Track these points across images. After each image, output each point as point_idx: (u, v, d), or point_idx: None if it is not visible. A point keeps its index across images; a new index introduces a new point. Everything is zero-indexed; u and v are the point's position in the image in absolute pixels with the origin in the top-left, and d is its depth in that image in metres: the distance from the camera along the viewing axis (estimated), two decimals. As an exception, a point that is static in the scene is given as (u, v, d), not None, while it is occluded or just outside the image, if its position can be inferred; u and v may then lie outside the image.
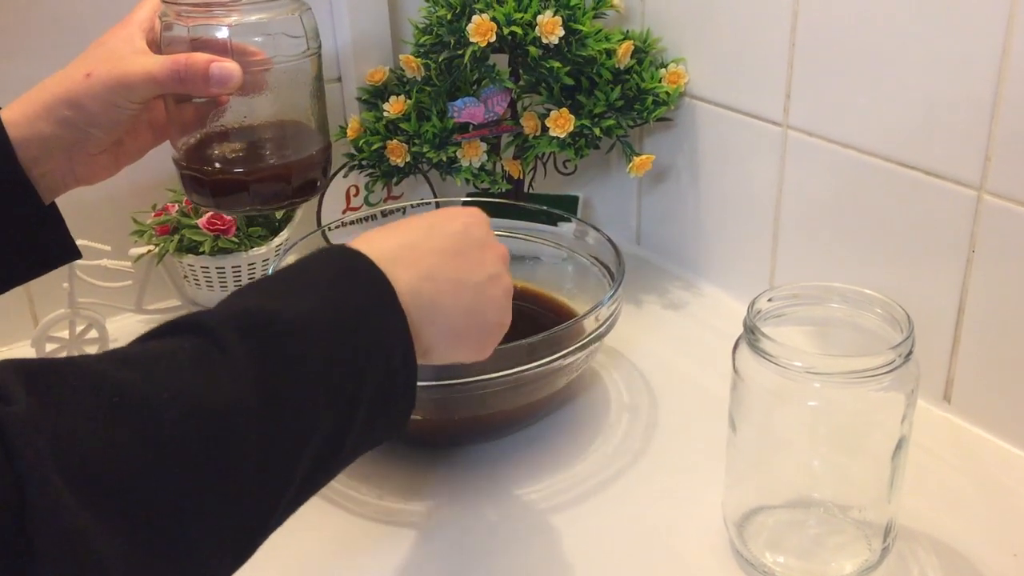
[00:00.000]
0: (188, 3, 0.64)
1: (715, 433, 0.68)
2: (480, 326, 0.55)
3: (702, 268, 0.97)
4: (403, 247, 0.52)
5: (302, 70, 0.68)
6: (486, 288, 0.55)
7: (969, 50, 0.68)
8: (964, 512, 0.67)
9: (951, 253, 0.72)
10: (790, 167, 0.84)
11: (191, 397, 0.40)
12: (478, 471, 0.73)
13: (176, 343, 0.42)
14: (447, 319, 0.52)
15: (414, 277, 0.51)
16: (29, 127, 0.60)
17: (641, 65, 0.91)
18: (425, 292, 0.51)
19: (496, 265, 0.56)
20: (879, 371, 0.56)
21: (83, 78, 0.61)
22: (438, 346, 0.53)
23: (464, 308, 0.53)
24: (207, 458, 0.40)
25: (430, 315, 0.51)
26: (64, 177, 0.63)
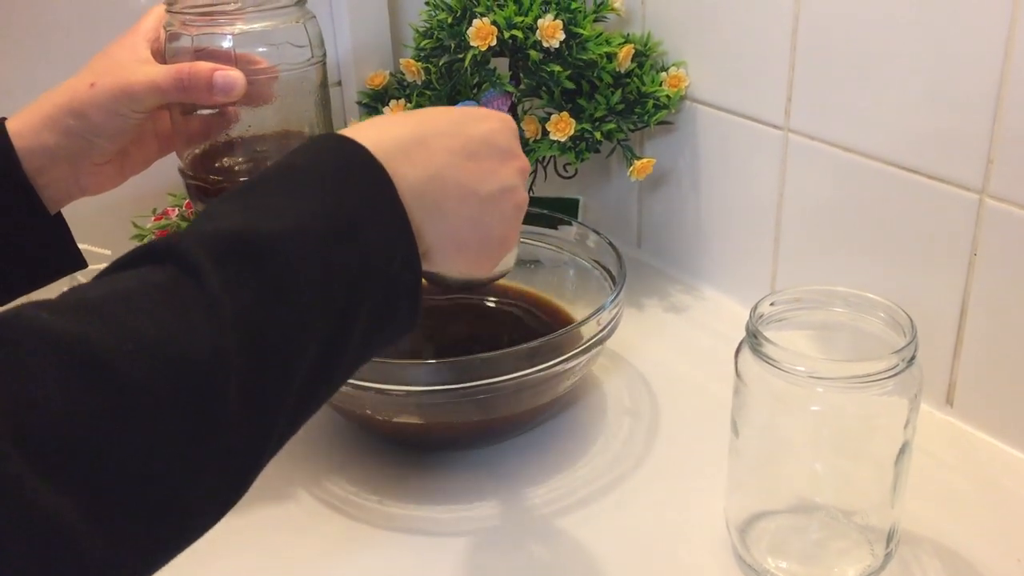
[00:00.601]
0: (192, 12, 0.64)
1: (717, 437, 0.68)
2: (483, 239, 0.52)
3: (703, 271, 0.97)
4: (415, 140, 0.49)
5: (307, 79, 0.68)
6: (496, 200, 0.52)
7: (971, 53, 0.67)
8: (967, 517, 0.67)
9: (953, 256, 0.72)
10: (791, 171, 0.84)
11: (159, 345, 0.36)
12: (479, 475, 0.73)
13: (143, 277, 0.39)
14: (449, 225, 0.50)
15: (420, 175, 0.48)
16: (34, 137, 0.60)
17: (642, 69, 0.91)
18: (430, 193, 0.48)
19: (512, 178, 0.53)
20: (882, 376, 0.56)
21: (87, 88, 0.61)
22: (436, 251, 0.50)
23: (468, 217, 0.51)
24: (182, 413, 0.36)
25: (432, 217, 0.48)
26: (69, 187, 0.63)
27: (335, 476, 0.73)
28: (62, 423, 0.33)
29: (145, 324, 0.36)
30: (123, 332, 0.36)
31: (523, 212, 0.55)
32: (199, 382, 0.37)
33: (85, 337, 0.35)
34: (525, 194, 0.55)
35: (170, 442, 0.36)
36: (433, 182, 0.49)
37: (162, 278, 0.38)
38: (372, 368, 0.68)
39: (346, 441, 0.76)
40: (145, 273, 0.39)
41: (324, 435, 0.77)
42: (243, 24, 0.64)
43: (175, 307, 0.38)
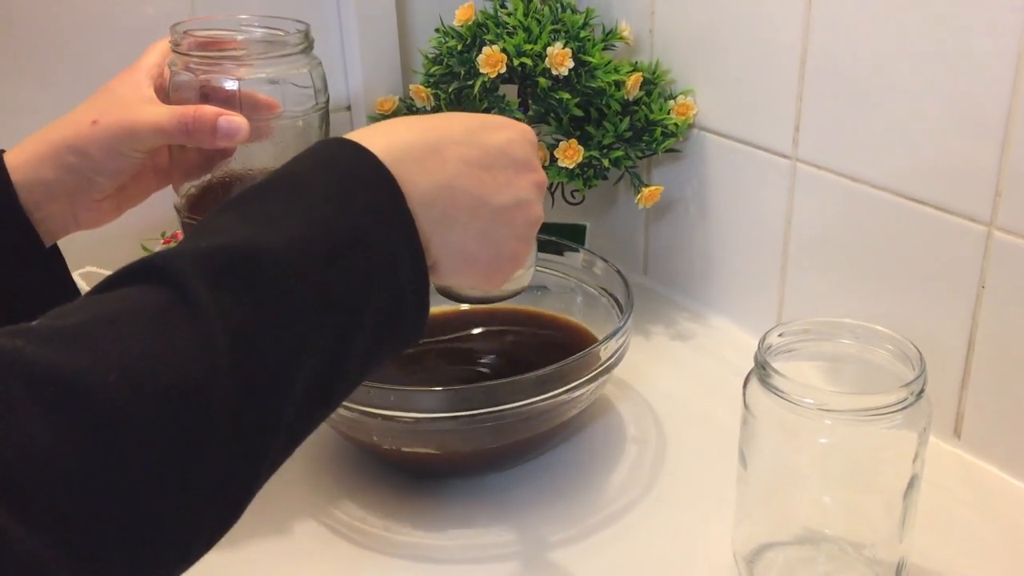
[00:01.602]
0: (198, 55, 0.63)
1: (724, 466, 0.68)
2: (493, 253, 0.50)
3: (710, 299, 0.97)
4: (427, 147, 0.47)
5: (309, 123, 0.67)
6: (509, 213, 0.50)
7: (980, 85, 0.68)
8: (975, 550, 0.67)
9: (961, 288, 0.72)
10: (799, 200, 0.84)
11: (145, 374, 0.34)
12: (485, 502, 0.72)
13: (132, 299, 0.37)
14: (459, 237, 0.48)
15: (431, 183, 0.46)
16: (33, 172, 0.60)
17: (650, 96, 0.91)
18: (440, 202, 0.46)
19: (527, 191, 0.51)
20: (891, 409, 0.56)
21: (89, 125, 0.60)
22: (444, 263, 0.48)
23: (479, 229, 0.49)
24: (169, 445, 0.35)
25: (441, 228, 0.47)
26: (66, 221, 0.62)
27: (342, 502, 0.73)
28: (43, 462, 0.32)
29: (130, 351, 0.35)
30: (107, 361, 0.34)
31: (537, 227, 0.53)
32: (187, 411, 0.35)
33: (66, 368, 0.33)
34: (540, 209, 0.53)
35: (158, 475, 0.35)
36: (444, 191, 0.47)
37: (152, 301, 0.37)
38: (380, 395, 0.68)
39: (353, 467, 0.76)
40: (134, 295, 0.37)
41: (331, 461, 0.77)
42: (249, 69, 0.63)
43: (164, 332, 0.36)
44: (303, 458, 0.77)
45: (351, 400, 0.69)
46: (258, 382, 0.38)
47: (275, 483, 0.74)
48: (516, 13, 0.88)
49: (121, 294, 0.38)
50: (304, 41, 0.65)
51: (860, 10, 0.74)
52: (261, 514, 0.71)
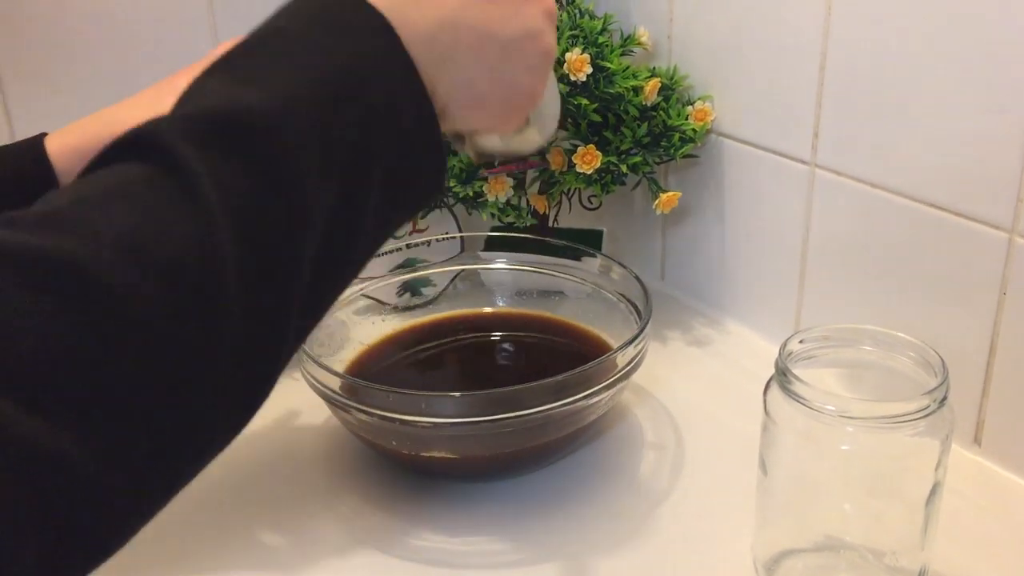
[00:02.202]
0: None
1: (743, 473, 0.67)
2: (506, 91, 0.47)
3: (727, 305, 0.97)
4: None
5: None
6: (520, 46, 0.46)
7: (1000, 90, 0.68)
8: (997, 558, 0.67)
9: (982, 295, 0.72)
10: (817, 206, 0.84)
11: (141, 249, 0.32)
12: (504, 507, 0.72)
13: (119, 174, 0.35)
14: (466, 77, 0.44)
15: (430, 22, 0.42)
16: (78, 160, 0.58)
17: (668, 102, 0.91)
18: (441, 42, 0.43)
19: (537, 20, 0.47)
20: (913, 416, 0.55)
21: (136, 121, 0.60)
22: (453, 107, 0.45)
23: (489, 67, 0.45)
24: (179, 317, 0.33)
25: (445, 68, 0.43)
26: None
27: (361, 507, 0.73)
28: (43, 348, 0.30)
29: (123, 227, 0.33)
30: (98, 238, 0.32)
31: (551, 60, 0.49)
32: (192, 284, 0.33)
33: (55, 251, 0.31)
34: (553, 39, 0.48)
35: (169, 352, 0.33)
36: (444, 28, 0.43)
37: (140, 174, 0.35)
38: (399, 400, 0.68)
39: (372, 472, 0.76)
40: (120, 171, 0.35)
41: (350, 466, 0.77)
42: None
43: (157, 205, 0.34)
44: (322, 462, 0.77)
45: (370, 405, 0.69)
46: (263, 249, 0.36)
47: (293, 487, 0.74)
48: (534, 19, 0.88)
49: (107, 172, 0.35)
50: None
51: (880, 15, 0.74)
52: (277, 516, 0.71)
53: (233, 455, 0.47)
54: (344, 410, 0.71)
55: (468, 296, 0.92)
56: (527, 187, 0.95)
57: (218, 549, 0.68)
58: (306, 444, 0.80)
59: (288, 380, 0.86)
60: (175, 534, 0.68)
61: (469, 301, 0.92)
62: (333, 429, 0.80)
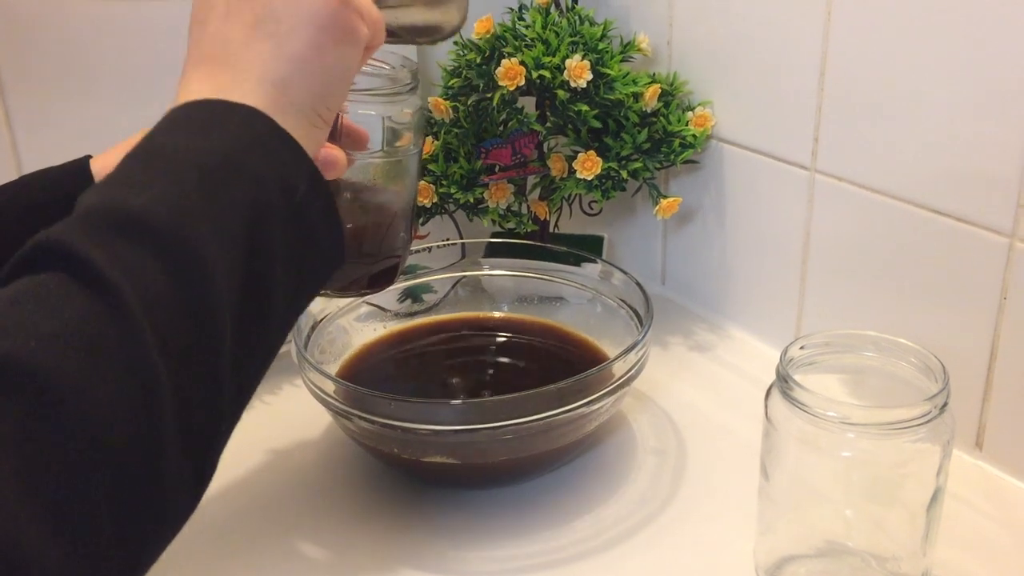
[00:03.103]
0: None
1: (745, 479, 0.67)
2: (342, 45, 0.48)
3: (728, 310, 0.97)
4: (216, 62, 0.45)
5: (404, 166, 0.65)
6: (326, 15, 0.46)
7: (1000, 96, 0.68)
8: (999, 563, 0.66)
9: (982, 300, 0.72)
10: (818, 211, 0.84)
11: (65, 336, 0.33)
12: (504, 515, 0.72)
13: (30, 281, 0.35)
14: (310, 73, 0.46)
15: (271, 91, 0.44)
16: None
17: (668, 108, 0.91)
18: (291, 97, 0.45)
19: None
20: (914, 422, 0.56)
21: None
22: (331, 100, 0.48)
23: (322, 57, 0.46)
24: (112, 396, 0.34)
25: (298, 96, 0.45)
26: None
27: (359, 513, 0.73)
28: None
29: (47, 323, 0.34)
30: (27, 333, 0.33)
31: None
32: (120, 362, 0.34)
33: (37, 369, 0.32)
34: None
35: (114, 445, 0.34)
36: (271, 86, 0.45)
37: (48, 277, 0.35)
38: (400, 407, 0.68)
39: (371, 477, 0.76)
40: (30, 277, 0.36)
41: (349, 472, 0.77)
42: (354, 105, 0.60)
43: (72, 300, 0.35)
44: (321, 470, 0.77)
45: (371, 412, 0.69)
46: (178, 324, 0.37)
47: (290, 493, 0.74)
48: (534, 26, 0.88)
49: (15, 285, 0.36)
50: (412, 80, 0.63)
51: (880, 21, 0.74)
52: (276, 523, 0.71)
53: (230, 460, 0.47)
54: (345, 417, 0.71)
55: (469, 302, 0.92)
56: (528, 193, 0.95)
57: (213, 554, 0.68)
58: (307, 450, 0.80)
59: (289, 387, 0.86)
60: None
61: (470, 307, 0.92)
62: (334, 435, 0.80)
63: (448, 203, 0.93)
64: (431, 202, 0.91)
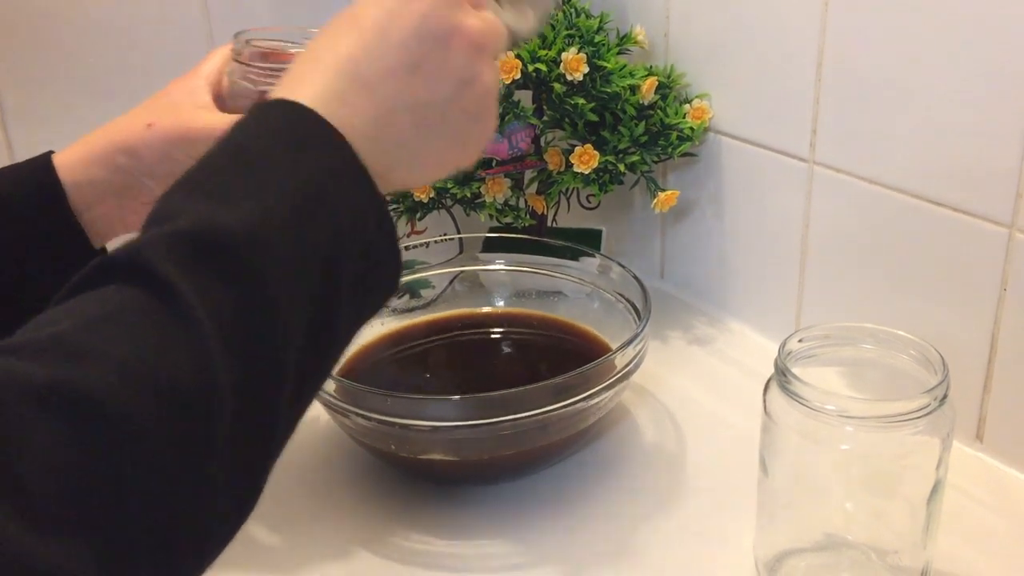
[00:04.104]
0: (260, 66, 0.62)
1: (744, 472, 0.67)
2: (458, 144, 0.48)
3: (727, 304, 0.96)
4: (348, 76, 0.44)
5: None
6: (459, 100, 0.46)
7: (999, 86, 0.67)
8: (1000, 555, 0.66)
9: (982, 291, 0.72)
10: (816, 203, 0.84)
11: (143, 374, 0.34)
12: (504, 510, 0.72)
13: (111, 299, 0.36)
14: (417, 155, 0.46)
15: (369, 120, 0.44)
16: (83, 172, 0.59)
17: (665, 101, 0.91)
18: (384, 135, 0.45)
19: (467, 59, 0.46)
20: (914, 415, 0.55)
21: (144, 128, 0.60)
22: (414, 179, 0.47)
23: (436, 134, 0.46)
24: (179, 438, 0.35)
25: (396, 158, 0.45)
26: (113, 223, 0.62)
27: (358, 510, 0.73)
28: (57, 473, 0.32)
29: (125, 351, 0.35)
30: (102, 365, 0.34)
31: (492, 92, 0.48)
32: (190, 402, 0.35)
33: (63, 379, 0.33)
34: (488, 73, 0.47)
35: (172, 469, 0.35)
36: (382, 124, 0.45)
37: (131, 298, 0.36)
38: (398, 404, 0.68)
39: (371, 476, 0.76)
40: (110, 295, 0.37)
41: (347, 469, 0.77)
42: None
43: (152, 329, 0.36)
44: (320, 467, 0.77)
45: (368, 409, 0.69)
46: (252, 363, 0.38)
47: (291, 492, 0.74)
48: (530, 19, 0.88)
49: (96, 296, 0.37)
50: None
51: (878, 11, 0.74)
52: (276, 518, 0.71)
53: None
54: (342, 414, 0.71)
55: (467, 297, 0.92)
56: (525, 187, 0.95)
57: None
58: (305, 446, 0.79)
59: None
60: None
61: (468, 302, 0.92)
62: (331, 433, 0.80)
63: (445, 198, 0.92)
64: (428, 197, 0.91)
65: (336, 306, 0.42)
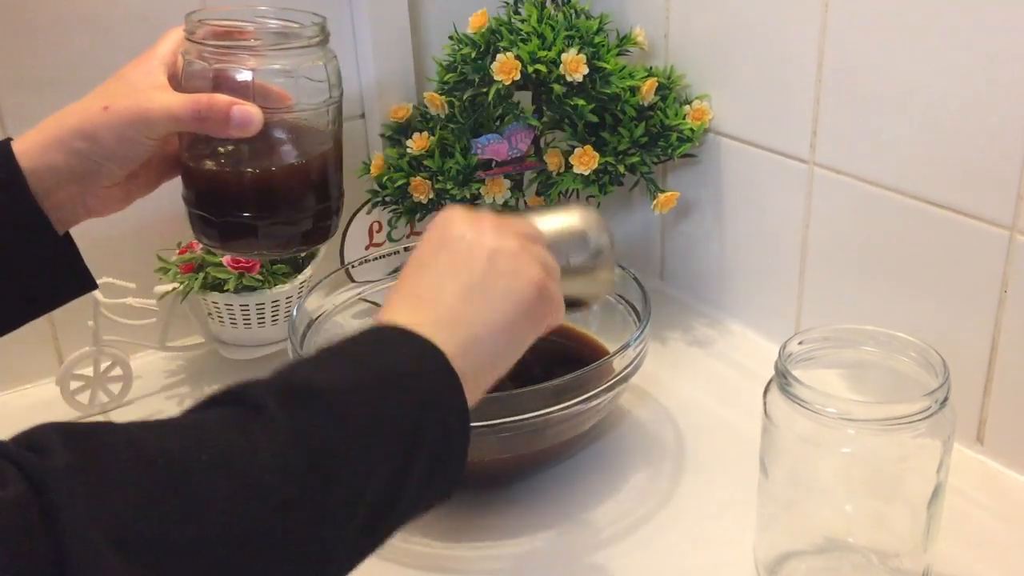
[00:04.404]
0: (213, 44, 0.63)
1: (745, 474, 0.67)
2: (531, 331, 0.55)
3: (727, 305, 0.96)
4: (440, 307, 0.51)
5: (322, 118, 0.67)
6: (526, 305, 0.54)
7: (1000, 88, 0.67)
8: (1000, 558, 0.66)
9: (983, 293, 0.72)
10: (817, 204, 0.84)
11: (232, 461, 0.39)
12: (502, 512, 0.72)
13: (216, 413, 0.42)
14: (501, 357, 0.53)
15: (461, 341, 0.50)
16: (41, 157, 0.60)
17: (665, 102, 0.91)
18: (473, 352, 0.51)
19: (528, 266, 0.54)
20: (915, 418, 0.55)
21: (100, 111, 0.60)
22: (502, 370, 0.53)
23: (513, 332, 0.53)
24: (249, 522, 0.39)
25: (487, 370, 0.52)
26: (75, 208, 0.62)
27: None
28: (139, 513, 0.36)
29: (218, 442, 0.40)
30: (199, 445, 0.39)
31: (554, 276, 0.56)
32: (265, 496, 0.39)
33: (168, 444, 0.39)
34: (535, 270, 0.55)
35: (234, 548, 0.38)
36: (473, 343, 0.51)
37: (232, 412, 0.42)
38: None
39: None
40: (217, 411, 0.42)
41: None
42: (263, 60, 0.63)
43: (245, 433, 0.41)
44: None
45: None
46: (327, 490, 0.41)
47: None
48: (530, 19, 0.88)
49: (202, 413, 0.43)
50: (320, 34, 0.65)
51: (878, 12, 0.74)
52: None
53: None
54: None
55: (466, 299, 0.92)
56: (525, 188, 0.94)
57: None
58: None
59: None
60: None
61: (468, 304, 0.91)
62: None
63: (444, 199, 0.92)
64: (427, 198, 0.91)
65: (409, 474, 0.45)
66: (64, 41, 0.83)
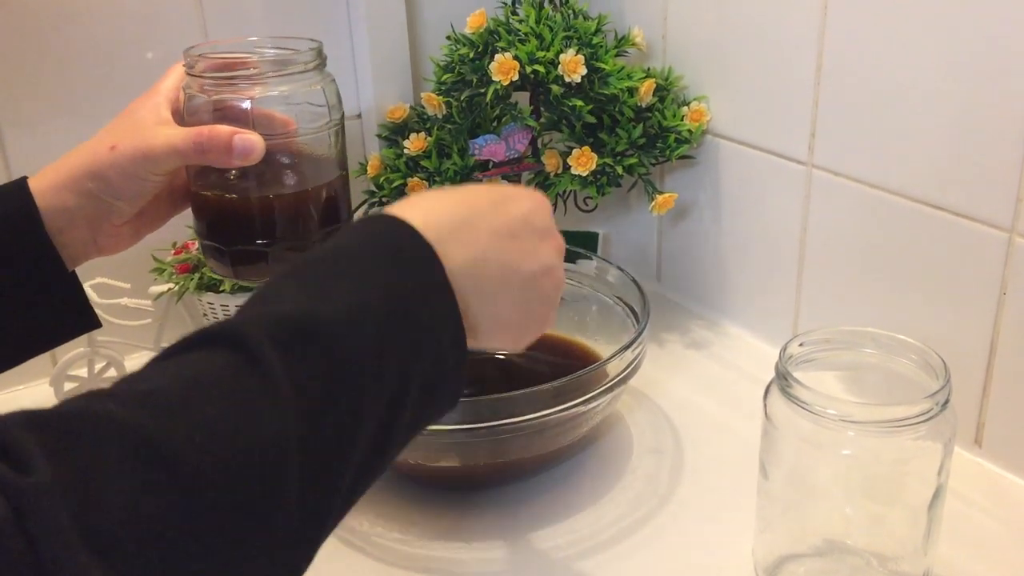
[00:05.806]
0: (212, 76, 0.63)
1: (743, 477, 0.67)
2: (524, 318, 0.53)
3: (725, 307, 0.96)
4: (461, 221, 0.49)
5: (324, 141, 0.67)
6: (537, 279, 0.52)
7: (999, 89, 0.67)
8: (999, 560, 0.66)
9: (982, 295, 0.71)
10: (815, 206, 0.83)
11: (226, 438, 0.37)
12: (501, 515, 0.72)
13: (207, 363, 0.40)
14: (494, 305, 0.51)
15: (467, 257, 0.48)
16: (54, 198, 0.60)
17: (663, 103, 0.91)
18: (475, 274, 0.49)
19: (551, 257, 0.54)
20: (915, 420, 0.55)
21: (108, 151, 0.61)
22: (481, 330, 0.51)
23: (512, 298, 0.51)
24: (246, 504, 0.37)
25: (478, 297, 0.49)
26: (86, 247, 0.63)
27: (356, 514, 0.72)
28: (131, 522, 0.34)
29: (212, 415, 0.38)
30: (190, 424, 0.37)
31: (561, 291, 0.55)
32: (264, 473, 0.38)
33: (155, 429, 0.36)
34: (563, 274, 0.55)
35: (232, 532, 0.37)
36: (478, 264, 0.49)
37: (225, 365, 0.40)
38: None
39: (366, 479, 0.76)
40: (207, 359, 0.40)
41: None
42: (262, 88, 0.63)
43: (240, 396, 0.39)
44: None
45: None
46: (324, 445, 0.41)
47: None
48: (528, 20, 0.88)
49: (194, 358, 0.40)
50: (317, 59, 0.65)
51: (877, 14, 0.74)
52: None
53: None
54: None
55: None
56: (522, 189, 0.94)
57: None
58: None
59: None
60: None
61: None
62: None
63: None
64: (424, 199, 0.90)
65: (404, 408, 0.45)
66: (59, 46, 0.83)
